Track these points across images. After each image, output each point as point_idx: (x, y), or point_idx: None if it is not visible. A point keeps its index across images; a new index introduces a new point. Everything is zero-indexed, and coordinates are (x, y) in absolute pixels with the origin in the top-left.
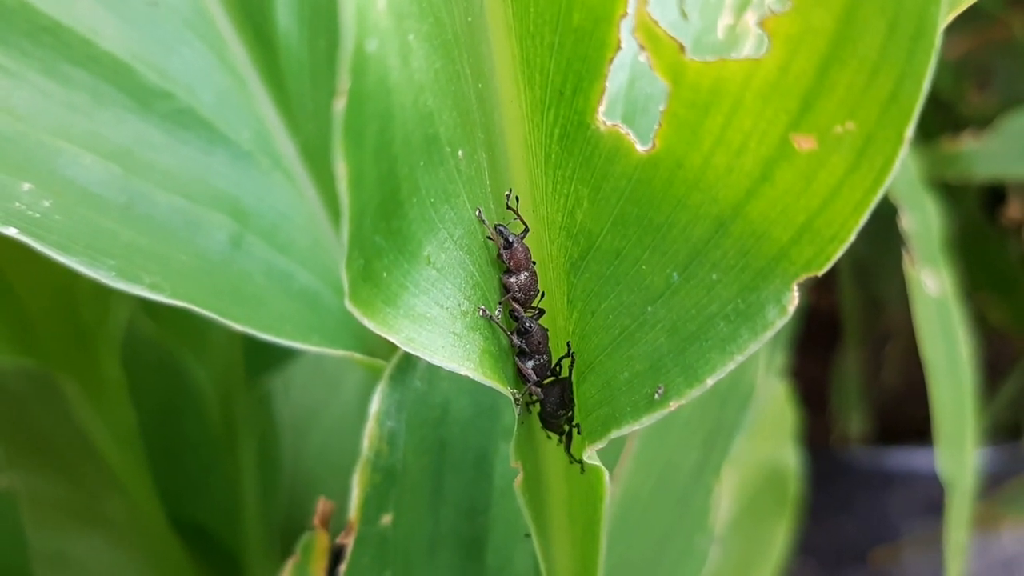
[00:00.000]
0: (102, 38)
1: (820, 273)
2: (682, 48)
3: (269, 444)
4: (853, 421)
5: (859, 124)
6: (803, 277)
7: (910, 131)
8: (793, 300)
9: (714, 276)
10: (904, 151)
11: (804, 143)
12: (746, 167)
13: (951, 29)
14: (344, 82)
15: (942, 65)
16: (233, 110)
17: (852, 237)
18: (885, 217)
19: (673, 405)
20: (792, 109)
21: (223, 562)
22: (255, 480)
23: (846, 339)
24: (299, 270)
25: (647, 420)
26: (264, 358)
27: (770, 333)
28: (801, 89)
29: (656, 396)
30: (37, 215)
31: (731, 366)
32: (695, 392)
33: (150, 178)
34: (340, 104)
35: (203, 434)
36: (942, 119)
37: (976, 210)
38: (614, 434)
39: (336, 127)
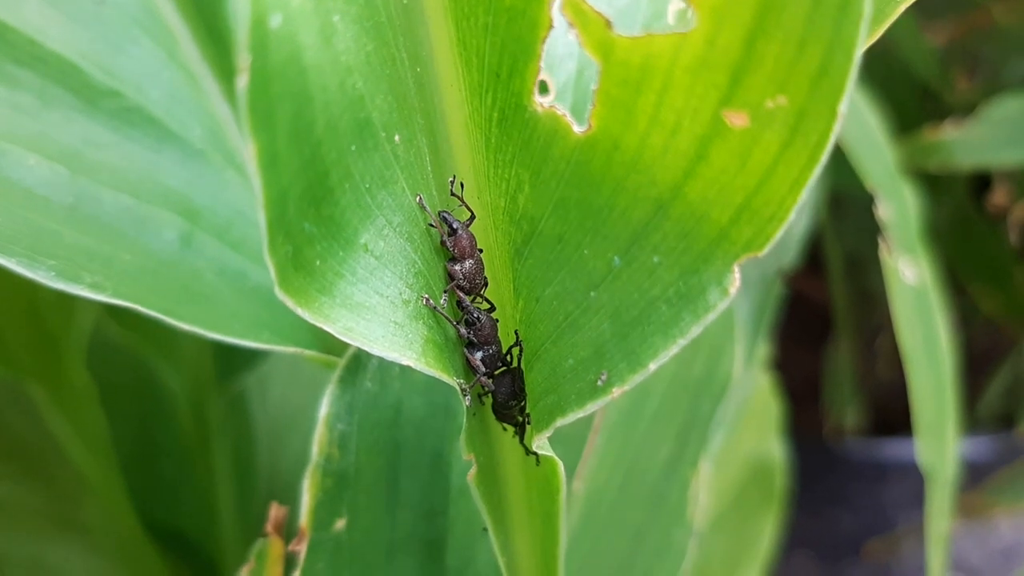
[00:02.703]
0: (48, 38)
1: (760, 254)
2: (609, 24)
3: (244, 447)
4: (847, 413)
5: (790, 99)
6: (744, 258)
7: (844, 106)
8: (735, 282)
9: (655, 259)
10: (838, 127)
11: (736, 119)
12: (681, 147)
13: (935, 15)
14: (244, 59)
15: (928, 52)
16: (184, 108)
17: (791, 216)
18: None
19: (616, 391)
20: (722, 84)
21: (199, 567)
22: (230, 484)
23: (838, 331)
24: (253, 268)
25: (591, 407)
26: (235, 359)
27: (712, 316)
28: (729, 63)
29: (599, 383)
30: None
31: (673, 350)
32: (638, 378)
33: (97, 178)
34: (242, 82)
35: (175, 438)
36: (929, 107)
37: (965, 199)
38: (560, 422)
39: (240, 106)
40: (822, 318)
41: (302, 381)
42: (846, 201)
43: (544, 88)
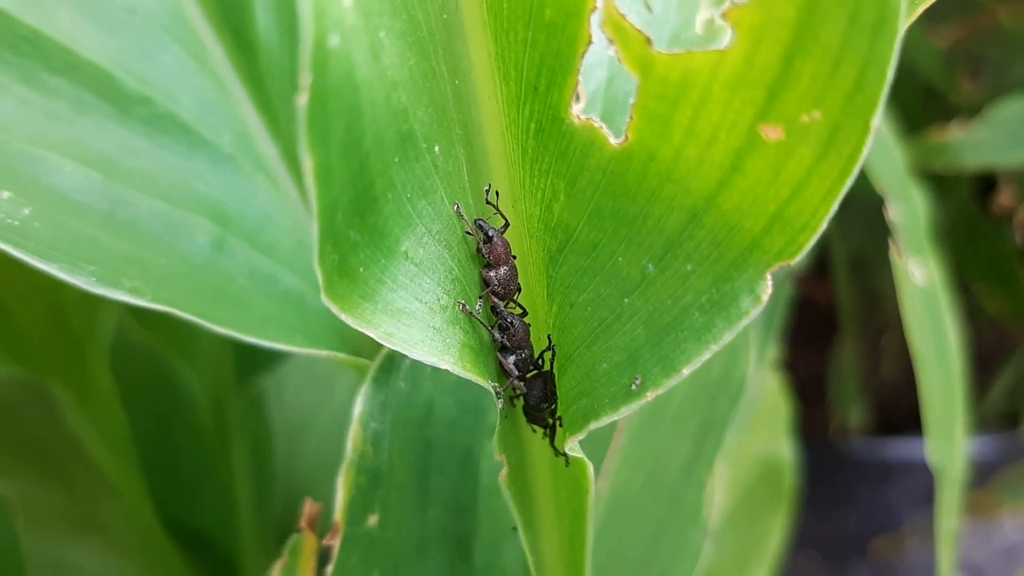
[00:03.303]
0: (81, 46)
1: (793, 263)
2: (649, 41)
3: (262, 447)
4: (852, 413)
5: (825, 114)
6: (776, 266)
7: (876, 120)
8: (767, 289)
9: (689, 267)
10: (871, 140)
11: (772, 133)
12: (716, 158)
13: (940, 18)
14: (305, 78)
15: (933, 54)
16: (214, 114)
17: (823, 226)
18: (881, 209)
19: (650, 396)
20: (758, 100)
21: (219, 565)
22: (249, 483)
23: (844, 331)
24: (283, 271)
25: (625, 411)
26: (254, 360)
27: (744, 322)
28: (767, 79)
29: (633, 387)
30: (16, 223)
31: (707, 356)
32: (672, 382)
33: (131, 183)
34: (302, 100)
35: (195, 438)
36: (934, 108)
37: (969, 200)
38: (593, 425)
39: (300, 123)
40: (827, 319)
41: (317, 381)
42: (851, 202)
43: (575, 96)
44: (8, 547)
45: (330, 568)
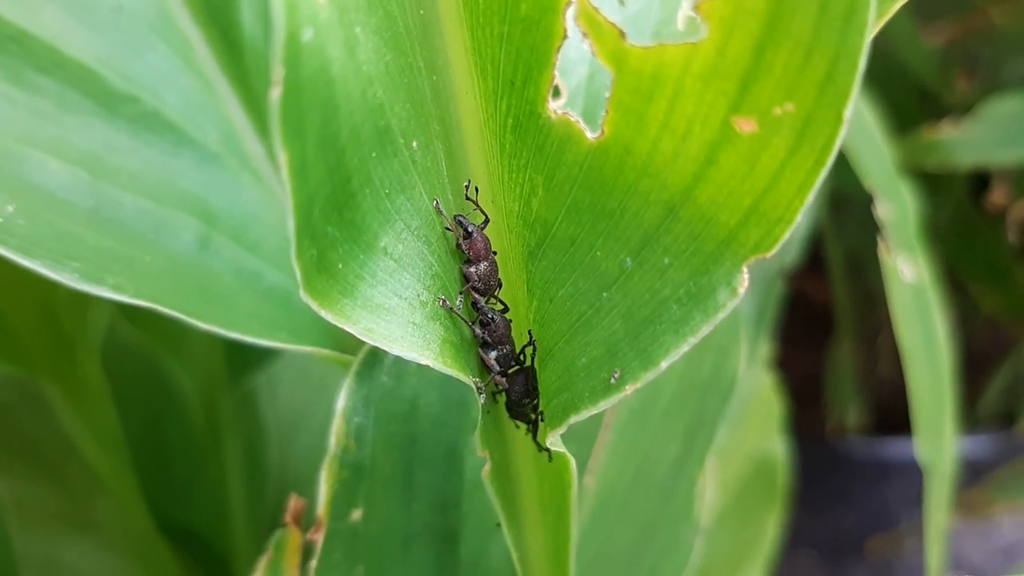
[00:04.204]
0: (67, 45)
1: (768, 255)
2: (623, 35)
3: (255, 445)
4: (849, 412)
5: (797, 105)
6: (752, 259)
7: (849, 112)
8: (743, 282)
9: (666, 260)
10: (844, 132)
11: (745, 126)
12: (692, 151)
13: (934, 17)
14: (278, 72)
15: (926, 53)
16: (200, 112)
17: (798, 218)
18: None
19: (629, 389)
20: (731, 92)
21: (212, 564)
22: (242, 481)
23: (839, 330)
24: (268, 269)
25: (604, 404)
26: (246, 358)
27: (722, 315)
28: (739, 71)
29: (612, 380)
30: (0, 220)
31: (685, 348)
32: (650, 375)
33: (117, 181)
34: (275, 93)
35: (187, 436)
36: (927, 107)
37: (963, 198)
38: (573, 419)
39: (273, 117)
40: (823, 317)
41: (310, 380)
42: (847, 201)
43: (556, 92)
44: (0, 545)
45: (313, 563)
